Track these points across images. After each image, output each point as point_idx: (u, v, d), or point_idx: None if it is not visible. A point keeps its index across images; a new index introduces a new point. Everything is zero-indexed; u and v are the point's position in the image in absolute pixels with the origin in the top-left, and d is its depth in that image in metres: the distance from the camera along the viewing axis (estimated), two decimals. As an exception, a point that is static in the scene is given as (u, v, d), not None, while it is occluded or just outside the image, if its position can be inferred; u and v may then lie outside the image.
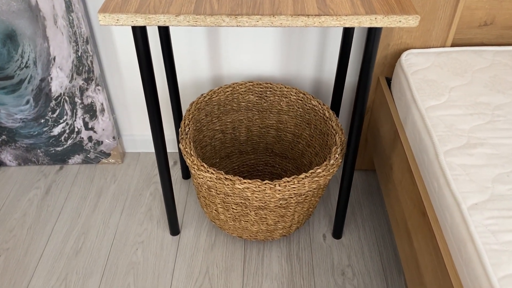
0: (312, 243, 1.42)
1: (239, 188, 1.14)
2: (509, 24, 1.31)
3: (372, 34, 0.98)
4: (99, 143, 1.62)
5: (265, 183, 1.13)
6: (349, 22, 0.90)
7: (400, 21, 0.90)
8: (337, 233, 1.43)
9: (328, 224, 1.49)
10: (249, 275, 1.33)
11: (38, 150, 1.63)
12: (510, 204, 0.88)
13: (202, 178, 1.17)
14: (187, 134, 1.26)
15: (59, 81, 1.45)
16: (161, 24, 0.90)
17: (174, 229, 1.43)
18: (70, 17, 1.31)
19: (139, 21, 0.90)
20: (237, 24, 0.90)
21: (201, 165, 1.17)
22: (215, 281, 1.32)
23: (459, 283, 0.85)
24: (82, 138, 1.61)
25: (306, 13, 0.89)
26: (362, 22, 0.90)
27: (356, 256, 1.39)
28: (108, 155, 1.66)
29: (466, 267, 0.83)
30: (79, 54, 1.39)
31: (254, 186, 1.13)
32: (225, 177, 1.14)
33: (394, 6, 0.91)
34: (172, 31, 1.41)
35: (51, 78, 1.44)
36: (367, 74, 1.04)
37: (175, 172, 1.67)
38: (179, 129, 1.29)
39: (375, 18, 0.89)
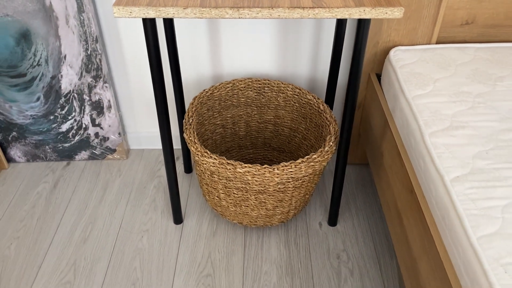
0: (308, 230, 1.50)
1: (240, 172, 1.22)
2: (489, 23, 1.42)
3: (362, 25, 1.07)
4: (105, 139, 1.70)
5: (265, 167, 1.21)
6: (341, 13, 0.99)
7: (386, 13, 0.99)
8: (333, 220, 1.50)
9: (324, 213, 1.56)
10: (249, 259, 1.40)
11: (47, 147, 1.71)
12: (488, 177, 0.96)
13: (205, 163, 1.25)
14: (190, 124, 1.35)
15: (69, 78, 1.54)
16: (170, 16, 0.99)
17: (178, 218, 1.51)
18: (81, 17, 1.40)
19: (150, 13, 0.99)
20: (239, 16, 1.00)
21: (205, 152, 1.25)
22: (217, 264, 1.39)
23: (443, 248, 0.94)
24: (89, 134, 1.69)
25: (302, 6, 0.99)
26: (352, 14, 0.99)
27: (350, 242, 1.46)
28: (114, 151, 1.74)
29: (449, 232, 0.91)
30: (89, 52, 1.48)
31: (255, 170, 1.21)
32: (227, 162, 1.22)
33: (380, 0, 1.01)
34: (177, 30, 1.51)
35: (61, 76, 1.53)
36: (358, 58, 1.13)
37: (178, 167, 1.74)
38: (183, 121, 1.37)
39: (364, 10, 0.99)
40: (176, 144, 1.82)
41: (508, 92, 1.21)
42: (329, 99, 1.56)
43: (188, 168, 1.71)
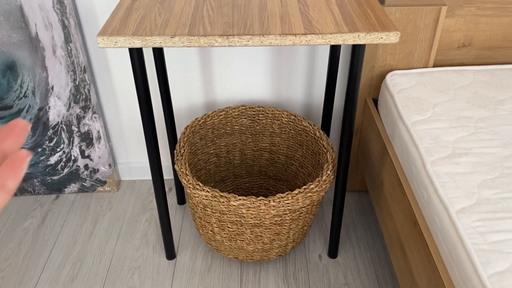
0: (308, 263, 1.43)
1: (234, 205, 1.16)
2: (486, 45, 1.39)
3: (357, 51, 1.04)
4: (95, 171, 1.65)
5: (260, 199, 1.16)
6: (334, 40, 0.95)
7: (381, 38, 0.95)
8: (333, 252, 1.44)
9: (323, 244, 1.50)
10: (246, 296, 1.33)
11: (35, 180, 1.65)
12: (496, 207, 0.91)
13: (197, 197, 1.20)
14: (182, 155, 1.29)
15: (57, 110, 1.49)
16: (157, 45, 0.95)
17: (170, 253, 1.44)
18: (69, 47, 1.37)
19: (136, 43, 0.95)
20: (229, 44, 0.96)
21: (197, 184, 1.19)
22: (212, 303, 1.32)
23: (451, 285, 0.87)
24: (79, 166, 1.63)
25: (293, 33, 0.95)
26: (346, 39, 0.96)
27: (352, 275, 1.39)
28: (104, 183, 1.68)
29: (457, 268, 0.85)
30: (77, 83, 1.44)
31: (249, 202, 1.15)
32: (220, 195, 1.17)
33: (375, 24, 0.97)
34: (167, 58, 1.47)
35: (49, 107, 1.49)
36: (354, 86, 1.09)
37: (170, 199, 1.68)
38: (174, 151, 1.32)
39: (358, 36, 0.95)
40: (169, 174, 1.76)
41: (509, 116, 1.16)
42: (326, 124, 1.51)
43: (182, 199, 1.65)
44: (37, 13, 1.30)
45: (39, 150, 1.58)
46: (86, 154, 1.60)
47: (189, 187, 1.20)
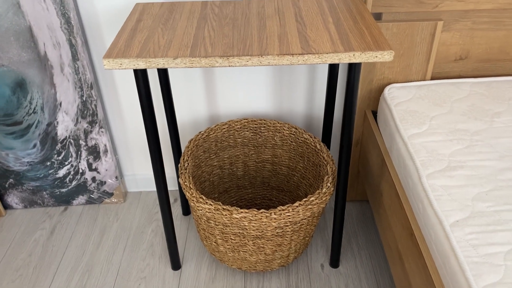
0: (310, 273, 1.46)
1: (237, 218, 1.19)
2: (482, 57, 1.42)
3: (353, 68, 1.07)
4: (102, 183, 1.69)
5: (261, 212, 1.19)
6: (330, 59, 0.99)
7: (376, 56, 0.99)
8: (334, 262, 1.47)
9: (325, 254, 1.53)
10: (250, 306, 1.36)
11: (44, 192, 1.70)
12: (489, 220, 0.93)
13: (201, 209, 1.23)
14: (186, 169, 1.33)
15: (65, 125, 1.54)
16: (160, 66, 1.00)
17: (176, 264, 1.47)
18: (76, 65, 1.41)
19: (140, 65, 0.99)
20: (229, 65, 1.00)
21: (200, 197, 1.23)
22: (216, 312, 1.35)
23: (446, 297, 0.90)
24: (86, 179, 1.67)
25: (291, 53, 0.99)
26: (342, 58, 0.99)
27: (353, 284, 1.42)
28: (111, 194, 1.72)
29: (451, 280, 0.88)
30: (84, 99, 1.48)
31: (251, 215, 1.19)
32: (223, 208, 1.20)
33: (370, 43, 1.01)
34: (171, 74, 1.52)
35: (57, 123, 1.53)
36: (351, 102, 1.12)
37: (175, 209, 1.72)
38: (179, 165, 1.36)
39: (354, 55, 0.99)
40: (174, 185, 1.80)
41: (505, 129, 1.19)
42: (326, 136, 1.54)
43: (186, 210, 1.69)
44: (45, 33, 1.35)
45: (48, 163, 1.62)
46: (93, 167, 1.65)
47: (193, 200, 1.24)
